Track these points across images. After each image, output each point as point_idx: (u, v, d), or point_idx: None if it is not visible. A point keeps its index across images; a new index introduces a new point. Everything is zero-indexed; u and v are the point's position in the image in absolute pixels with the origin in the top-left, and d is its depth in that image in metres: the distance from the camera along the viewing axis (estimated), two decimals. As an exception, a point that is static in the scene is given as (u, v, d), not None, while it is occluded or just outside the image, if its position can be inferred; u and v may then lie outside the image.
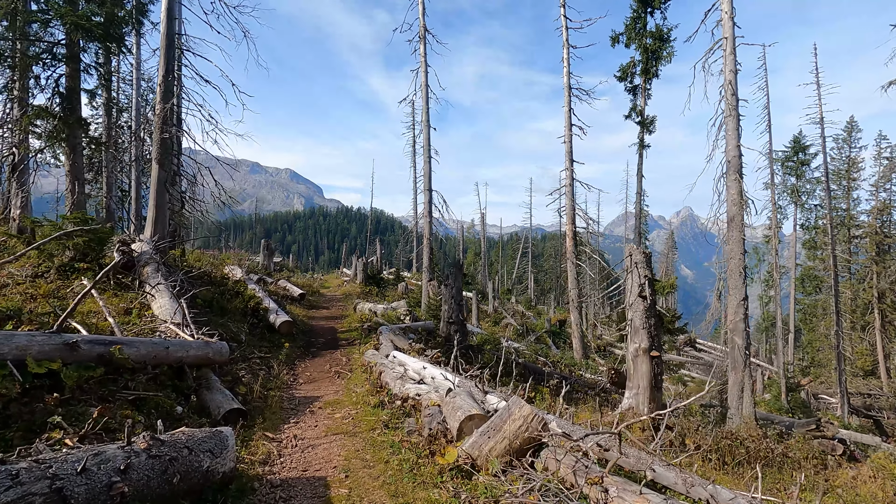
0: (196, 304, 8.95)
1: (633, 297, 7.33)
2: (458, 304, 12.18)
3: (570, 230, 20.91)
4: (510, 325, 28.76)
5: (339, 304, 18.04)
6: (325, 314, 15.78)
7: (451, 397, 5.31)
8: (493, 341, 14.54)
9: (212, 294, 9.69)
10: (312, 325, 13.29)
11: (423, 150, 18.40)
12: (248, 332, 9.43)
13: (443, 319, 12.33)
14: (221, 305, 9.51)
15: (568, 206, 20.99)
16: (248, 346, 8.74)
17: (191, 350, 5.81)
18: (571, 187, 20.96)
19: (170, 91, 10.87)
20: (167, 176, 10.87)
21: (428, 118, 18.45)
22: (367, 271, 24.71)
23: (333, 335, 12.12)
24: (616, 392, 12.26)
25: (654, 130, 12.48)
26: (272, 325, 10.16)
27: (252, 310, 10.25)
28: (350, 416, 5.98)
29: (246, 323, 9.65)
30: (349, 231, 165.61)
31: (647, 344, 7.13)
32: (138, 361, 5.04)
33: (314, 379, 8.04)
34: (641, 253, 7.35)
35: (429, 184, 18.29)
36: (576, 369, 16.98)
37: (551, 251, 68.89)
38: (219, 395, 5.44)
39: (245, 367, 7.32)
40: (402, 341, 9.65)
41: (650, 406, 7.11)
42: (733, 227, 11.91)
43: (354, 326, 12.96)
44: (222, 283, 10.75)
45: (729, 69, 11.97)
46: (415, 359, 6.89)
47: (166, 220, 10.93)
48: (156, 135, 10.72)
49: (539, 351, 18.51)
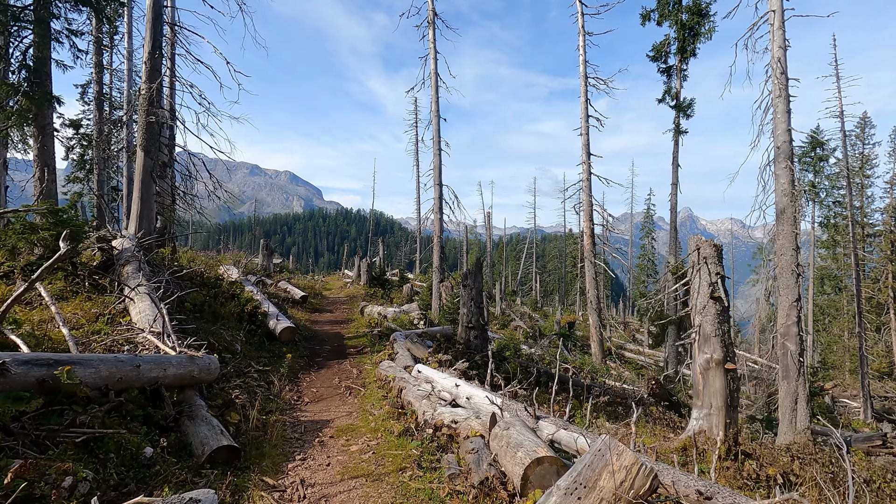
0: (184, 309, 7.75)
1: (701, 298, 6.16)
2: (479, 306, 10.99)
3: (588, 228, 19.72)
4: (519, 327, 27.57)
5: (343, 307, 16.83)
6: (330, 318, 14.57)
7: (503, 429, 4.11)
8: (513, 347, 13.34)
9: (203, 297, 8.49)
10: (316, 331, 12.08)
11: (433, 142, 17.24)
12: (245, 340, 8.22)
13: (461, 324, 11.13)
14: (214, 310, 8.30)
15: (585, 203, 19.81)
16: (244, 357, 7.53)
17: (170, 367, 4.60)
18: (589, 182, 19.78)
19: (156, 69, 9.69)
20: (153, 165, 9.68)
21: (438, 108, 17.27)
22: (371, 272, 23.51)
23: (340, 342, 10.92)
24: (653, 404, 11.05)
25: (692, 114, 11.33)
26: (272, 331, 8.96)
27: (249, 314, 9.05)
28: (370, 450, 4.77)
29: (242, 330, 8.44)
30: (349, 233, 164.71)
31: (721, 354, 5.95)
32: (97, 386, 3.84)
33: (322, 396, 6.83)
34: (712, 246, 6.18)
35: (439, 178, 17.12)
36: (598, 376, 15.78)
37: (554, 252, 67.77)
38: (204, 426, 4.23)
39: (240, 385, 6.11)
40: (421, 349, 8.44)
41: (726, 430, 5.92)
42: (784, 221, 10.72)
43: (363, 332, 11.76)
44: (216, 284, 9.56)
45: (777, 45, 10.81)
46: (445, 374, 5.71)
47: (153, 215, 9.73)
48: (141, 118, 9.53)
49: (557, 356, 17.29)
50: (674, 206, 11.87)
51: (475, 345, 10.85)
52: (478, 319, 10.91)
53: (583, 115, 19.92)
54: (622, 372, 17.92)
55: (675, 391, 11.64)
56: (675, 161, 11.90)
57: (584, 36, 19.81)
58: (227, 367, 6.55)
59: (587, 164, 19.76)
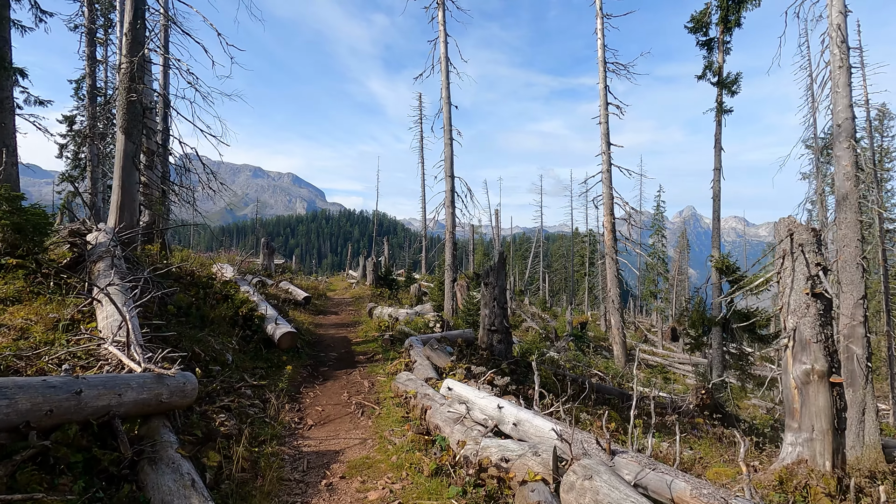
0: (166, 313, 6.60)
1: (797, 295, 4.97)
2: (502, 307, 9.81)
3: (609, 222, 18.50)
4: (531, 328, 26.37)
5: (349, 309, 15.69)
6: (335, 321, 13.42)
7: (582, 476, 2.94)
8: (537, 350, 12.15)
9: (190, 299, 7.34)
10: (321, 336, 10.93)
11: (444, 131, 16.07)
12: (238, 348, 7.07)
13: (482, 326, 9.95)
14: (202, 313, 7.15)
15: (605, 195, 18.58)
16: (237, 369, 6.37)
17: (128, 391, 3.44)
18: (609, 174, 18.56)
19: (138, 41, 8.55)
20: (136, 149, 8.54)
21: (448, 94, 16.11)
22: (377, 272, 22.36)
23: (348, 347, 9.76)
24: (702, 416, 9.83)
25: (737, 90, 10.14)
26: (270, 337, 7.80)
27: (244, 318, 7.90)
28: (394, 498, 3.60)
29: (235, 336, 7.29)
30: (351, 234, 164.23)
31: (824, 365, 4.76)
32: (11, 425, 2.69)
33: (328, 417, 5.66)
34: (809, 230, 4.99)
35: (450, 169, 15.95)
36: (625, 382, 14.57)
37: (559, 251, 66.59)
38: (170, 475, 3.07)
39: (228, 406, 4.95)
40: (442, 357, 7.27)
41: (834, 458, 4.73)
42: (846, 208, 9.49)
43: (372, 336, 10.60)
44: (207, 285, 8.42)
45: (837, 10, 9.60)
46: (482, 393, 4.54)
47: (136, 206, 8.59)
48: (121, 97, 8.39)
49: (579, 360, 16.09)
50: (716, 193, 10.67)
51: (499, 350, 9.67)
52: (502, 321, 9.73)
53: (602, 102, 18.72)
54: (651, 377, 16.70)
55: (723, 401, 10.44)
56: (717, 144, 10.70)
57: (601, 18, 18.61)
58: (212, 384, 5.39)
59: (607, 154, 18.54)
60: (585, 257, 57.02)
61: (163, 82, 17.23)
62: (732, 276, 10.42)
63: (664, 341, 36.58)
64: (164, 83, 17.16)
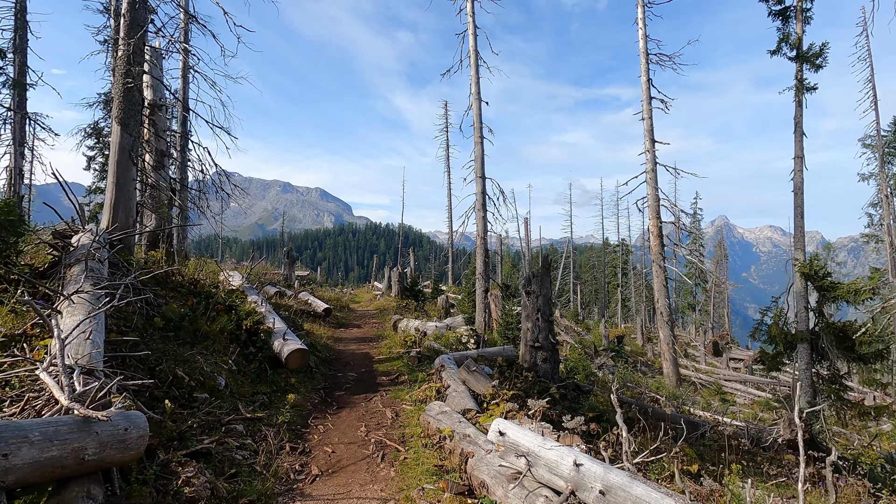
0: (151, 326, 5.50)
1: None
2: (548, 320, 8.39)
3: (655, 226, 16.82)
4: (565, 342, 24.62)
5: (372, 322, 14.50)
6: (357, 334, 12.24)
7: None
8: (582, 370, 10.60)
9: (184, 309, 6.24)
10: (340, 351, 9.74)
11: (474, 129, 14.86)
12: (236, 368, 5.90)
13: (524, 342, 8.54)
14: (196, 327, 6.03)
15: (650, 197, 16.95)
16: (231, 395, 5.19)
17: (21, 450, 2.26)
18: (654, 173, 16.96)
19: (137, 23, 7.69)
20: (133, 142, 7.61)
21: (478, 90, 14.93)
22: (403, 283, 21.18)
23: (369, 366, 8.51)
24: (789, 451, 8.10)
25: (823, 64, 8.56)
26: (277, 355, 6.62)
27: (248, 332, 6.76)
28: None
29: (235, 353, 6.13)
30: (378, 247, 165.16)
31: None
32: None
33: (339, 463, 4.37)
34: None
35: (481, 170, 14.69)
36: (681, 404, 12.79)
37: (589, 263, 64.37)
38: None
39: (207, 449, 3.74)
40: (481, 381, 5.91)
41: None
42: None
43: (397, 352, 9.33)
44: (210, 294, 7.35)
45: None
46: (549, 441, 3.20)
47: (132, 206, 7.64)
48: (117, 84, 7.51)
49: (627, 378, 14.37)
50: (798, 186, 9.03)
51: (544, 370, 8.24)
52: (547, 337, 8.30)
53: (644, 96, 17.21)
54: (709, 399, 14.82)
55: (818, 433, 8.67)
56: (798, 128, 9.10)
57: (643, 7, 17.22)
58: (192, 418, 4.19)
59: (651, 152, 16.96)
60: (618, 268, 54.72)
61: (182, 88, 16.72)
62: (822, 282, 8.71)
63: (707, 356, 34.09)
64: (183, 88, 16.65)
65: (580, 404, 7.49)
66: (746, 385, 25.38)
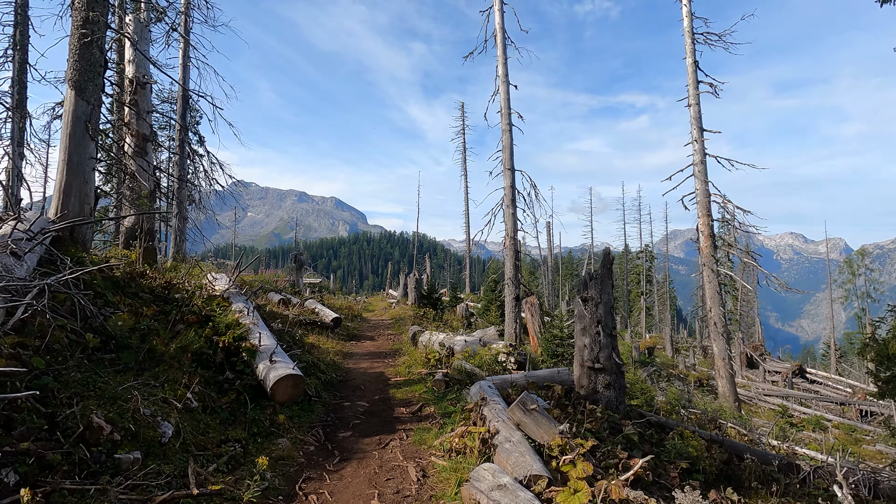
0: (79, 344, 3.90)
1: None
2: (610, 334, 6.59)
3: (706, 224, 14.87)
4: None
5: (388, 333, 12.82)
6: (370, 348, 10.56)
7: None
8: (642, 393, 8.74)
9: (140, 321, 4.63)
10: (349, 371, 8.05)
11: (501, 115, 13.18)
12: (202, 404, 4.23)
13: (577, 362, 6.74)
14: (151, 345, 4.41)
15: (700, 192, 15.03)
16: (180, 450, 3.52)
17: None
18: (703, 165, 15.03)
19: (100, -34, 6.23)
20: (90, 111, 6.10)
21: (506, 72, 13.28)
22: (419, 290, 19.50)
23: (384, 391, 6.80)
24: None
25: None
26: (261, 383, 4.95)
27: (227, 352, 5.12)
28: None
29: (200, 382, 4.47)
30: (392, 255, 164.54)
31: None
32: None
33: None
34: None
35: (510, 161, 12.98)
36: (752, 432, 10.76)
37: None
38: None
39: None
40: (544, 425, 4.15)
41: None
42: None
43: (417, 373, 7.60)
44: (184, 302, 5.76)
45: None
46: None
47: (88, 190, 6.11)
48: (73, 36, 6.01)
49: (679, 400, 12.38)
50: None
51: (607, 398, 6.42)
52: (610, 356, 6.49)
53: (690, 80, 15.37)
54: (781, 424, 12.73)
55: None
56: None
57: (687, -18, 15.45)
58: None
59: (700, 142, 15.06)
60: (642, 275, 52.38)
61: (182, 76, 15.42)
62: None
63: (742, 368, 31.69)
64: (183, 77, 15.35)
65: (663, 447, 5.65)
66: (789, 401, 23.11)
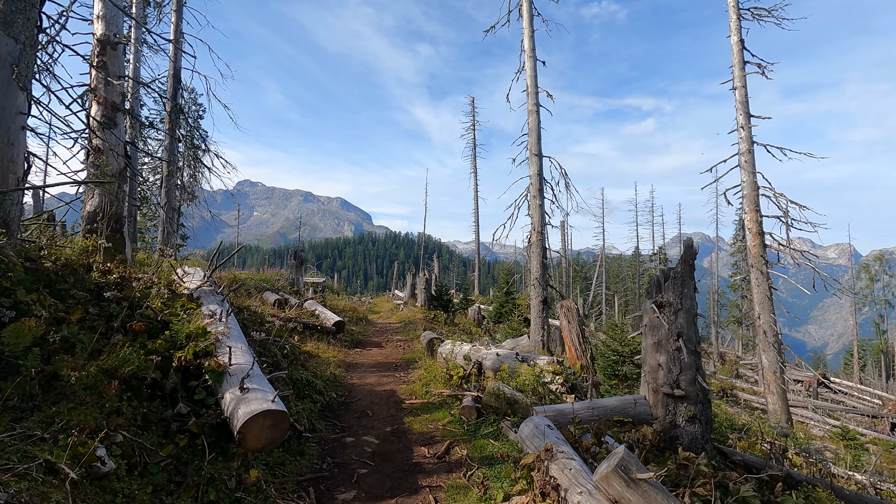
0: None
1: None
2: (694, 350, 5.05)
3: (755, 221, 13.25)
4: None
5: (396, 339, 11.30)
6: (377, 357, 9.06)
7: None
8: (725, 422, 7.19)
9: (45, 334, 3.15)
10: (352, 388, 6.55)
11: (527, 94, 11.64)
12: (129, 457, 2.73)
13: (648, 388, 5.20)
14: (56, 370, 2.94)
15: (747, 185, 13.41)
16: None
17: None
18: (751, 155, 13.42)
19: None
20: (20, 53, 4.65)
21: (532, 46, 11.74)
22: (429, 291, 17.98)
23: (397, 420, 5.28)
24: None
25: None
26: (227, 422, 3.46)
27: (184, 373, 3.64)
28: None
29: (142, 420, 2.98)
30: (397, 256, 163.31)
31: None
32: None
33: None
34: None
35: (537, 146, 11.43)
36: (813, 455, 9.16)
37: (620, 274, 60.48)
38: None
39: None
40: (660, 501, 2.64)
41: None
42: None
43: (438, 393, 6.07)
44: (137, 302, 4.30)
45: None
46: None
47: (16, 155, 4.65)
48: (-6, -46, 4.57)
49: (732, 423, 10.78)
50: None
51: (691, 435, 4.87)
52: (694, 378, 4.94)
53: (736, 60, 13.77)
54: (837, 455, 11.09)
55: None
56: None
57: (732, -49, 13.89)
58: None
59: (747, 129, 13.46)
60: (654, 278, 50.67)
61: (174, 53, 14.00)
62: None
63: (765, 378, 29.99)
64: (174, 55, 13.93)
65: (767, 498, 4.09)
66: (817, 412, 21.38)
